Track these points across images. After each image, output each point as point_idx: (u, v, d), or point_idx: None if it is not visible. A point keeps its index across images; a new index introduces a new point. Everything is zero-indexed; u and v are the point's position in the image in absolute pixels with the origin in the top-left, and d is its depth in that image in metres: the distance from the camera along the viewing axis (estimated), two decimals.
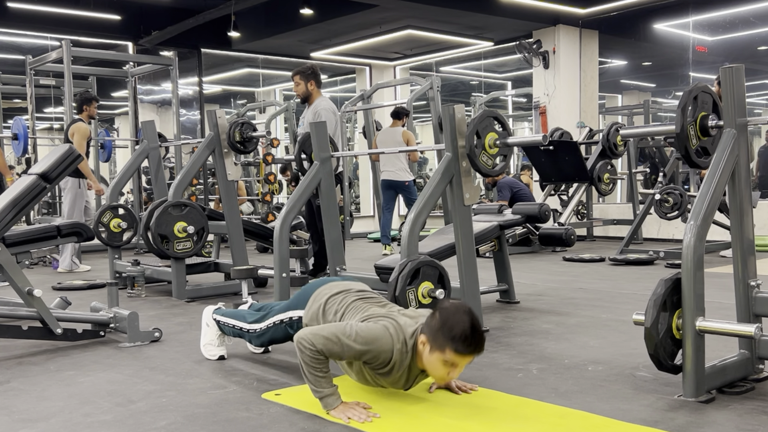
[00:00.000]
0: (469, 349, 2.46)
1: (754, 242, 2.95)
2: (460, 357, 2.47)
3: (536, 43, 10.74)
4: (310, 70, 5.88)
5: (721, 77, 2.85)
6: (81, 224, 4.30)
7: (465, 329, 2.44)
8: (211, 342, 3.49)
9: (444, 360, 2.48)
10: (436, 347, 2.48)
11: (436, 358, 2.50)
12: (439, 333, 2.46)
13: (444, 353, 2.47)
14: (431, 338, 2.50)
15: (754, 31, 10.52)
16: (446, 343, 2.45)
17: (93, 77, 10.23)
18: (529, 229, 4.97)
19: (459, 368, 2.54)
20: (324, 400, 2.56)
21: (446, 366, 2.50)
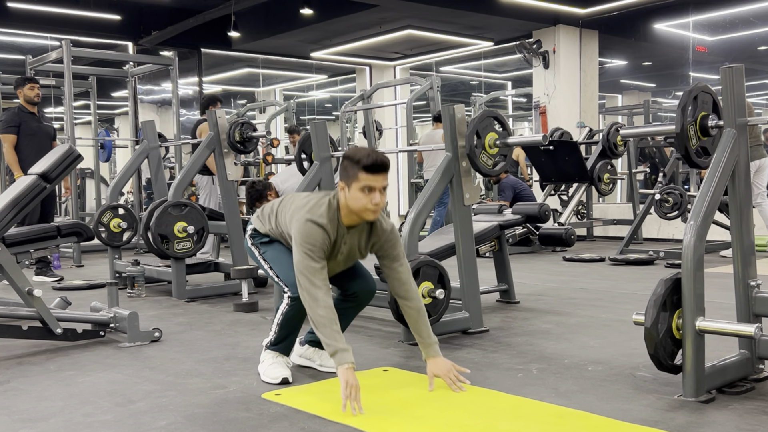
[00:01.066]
0: (372, 161, 2.74)
1: (754, 242, 2.95)
2: (371, 176, 2.74)
3: (536, 43, 10.74)
4: None
5: (721, 77, 2.85)
6: (81, 224, 4.30)
7: (366, 152, 2.78)
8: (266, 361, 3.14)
9: (361, 188, 2.76)
10: (351, 179, 2.78)
11: (354, 191, 2.77)
12: (348, 167, 2.79)
13: (358, 180, 2.76)
14: (344, 176, 2.81)
15: (754, 31, 10.52)
16: (355, 169, 2.76)
17: (93, 77, 10.22)
18: (529, 229, 4.97)
19: (378, 193, 2.77)
20: (340, 354, 2.68)
21: (365, 193, 2.76)
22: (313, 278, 2.76)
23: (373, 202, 2.77)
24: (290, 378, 3.01)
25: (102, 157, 10.27)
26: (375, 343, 3.77)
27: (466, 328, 3.91)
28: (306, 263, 2.78)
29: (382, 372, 3.18)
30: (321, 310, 2.73)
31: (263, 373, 3.07)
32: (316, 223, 2.81)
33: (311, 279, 2.76)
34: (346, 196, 2.81)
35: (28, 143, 6.50)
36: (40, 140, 6.55)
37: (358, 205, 2.79)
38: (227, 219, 5.62)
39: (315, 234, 2.81)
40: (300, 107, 15.41)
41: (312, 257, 2.78)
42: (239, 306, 4.79)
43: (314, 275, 2.77)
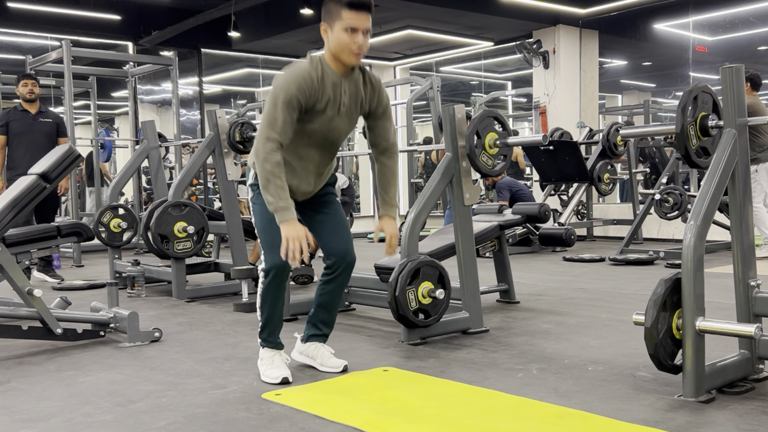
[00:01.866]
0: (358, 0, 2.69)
1: (754, 242, 2.95)
2: (354, 13, 2.70)
3: (536, 43, 10.74)
4: None
5: (721, 77, 2.85)
6: (81, 224, 4.30)
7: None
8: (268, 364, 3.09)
9: (344, 28, 2.71)
10: (333, 19, 2.74)
11: (337, 32, 2.73)
12: (331, 6, 2.74)
13: (342, 19, 2.71)
14: (327, 17, 2.76)
15: (754, 31, 10.53)
16: (338, 7, 2.71)
17: (93, 77, 10.23)
18: (529, 229, 4.97)
19: (361, 34, 2.72)
20: (280, 212, 2.72)
21: (348, 33, 2.71)
22: (272, 129, 2.74)
23: (356, 42, 2.72)
24: (290, 378, 3.00)
25: (102, 157, 10.27)
26: (375, 343, 3.77)
27: (466, 328, 3.91)
28: (270, 111, 2.75)
29: (382, 372, 3.18)
30: (268, 165, 2.73)
31: (263, 373, 3.06)
32: (292, 71, 2.76)
33: (270, 130, 2.74)
34: (329, 38, 2.77)
35: (19, 143, 6.35)
36: (33, 139, 6.35)
37: (340, 46, 2.74)
38: (227, 219, 5.62)
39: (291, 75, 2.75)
40: None
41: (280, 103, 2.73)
42: (239, 306, 4.79)
43: (274, 126, 2.74)
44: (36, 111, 6.47)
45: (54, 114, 6.73)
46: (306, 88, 2.77)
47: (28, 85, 6.43)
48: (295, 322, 4.26)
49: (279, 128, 2.75)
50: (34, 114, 6.45)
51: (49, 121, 6.51)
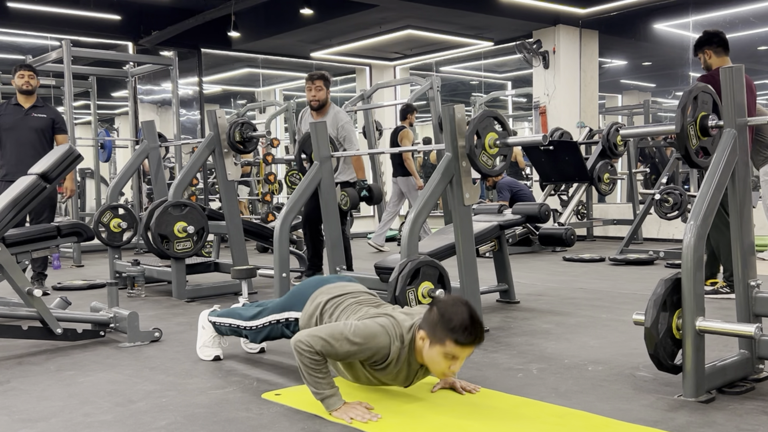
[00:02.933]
0: (469, 339, 2.46)
1: (754, 242, 2.95)
2: (460, 348, 2.47)
3: (536, 43, 10.73)
4: (329, 78, 5.72)
5: (721, 77, 2.85)
6: (81, 224, 4.30)
7: (464, 320, 2.45)
8: (206, 344, 3.49)
9: (444, 353, 2.48)
10: (436, 341, 2.48)
11: (436, 352, 2.50)
12: (438, 326, 2.47)
13: (444, 346, 2.47)
14: (430, 332, 2.50)
15: (754, 31, 10.52)
16: (446, 335, 2.45)
17: (93, 77, 10.23)
18: (529, 229, 4.97)
19: (460, 361, 2.52)
20: (326, 401, 2.55)
21: (447, 359, 2.50)
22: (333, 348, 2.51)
23: (451, 368, 2.53)
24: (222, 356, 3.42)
25: (102, 157, 10.27)
26: None
27: None
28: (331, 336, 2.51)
29: None
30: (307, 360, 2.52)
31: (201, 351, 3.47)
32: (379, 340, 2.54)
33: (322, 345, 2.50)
34: (424, 348, 2.54)
35: (7, 139, 5.92)
36: (21, 135, 5.92)
37: (434, 366, 2.55)
38: (227, 219, 5.62)
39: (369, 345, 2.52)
40: (300, 107, 15.39)
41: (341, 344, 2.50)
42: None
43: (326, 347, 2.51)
44: (30, 105, 6.00)
45: (51, 109, 6.27)
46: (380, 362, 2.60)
47: (24, 76, 6.00)
48: None
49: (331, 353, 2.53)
50: (27, 108, 6.00)
51: (42, 117, 6.03)
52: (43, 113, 6.07)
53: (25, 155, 5.74)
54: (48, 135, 6.03)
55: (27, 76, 6.00)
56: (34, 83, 6.05)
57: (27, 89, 5.98)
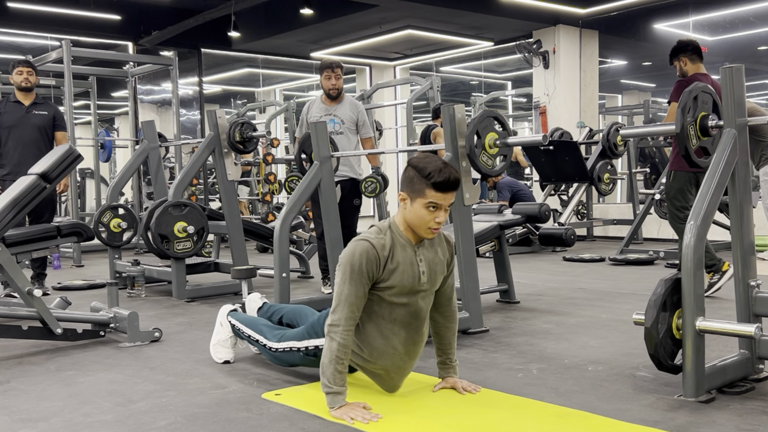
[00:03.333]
0: (444, 178, 2.54)
1: (754, 242, 2.95)
2: (439, 193, 2.55)
3: (536, 43, 10.73)
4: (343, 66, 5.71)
5: (721, 77, 2.85)
6: (81, 224, 4.30)
7: (437, 164, 2.56)
8: (221, 342, 3.39)
9: (426, 204, 2.57)
10: (416, 194, 2.58)
11: (418, 207, 2.58)
12: (415, 179, 2.58)
13: (424, 196, 2.56)
14: (408, 189, 2.61)
15: (754, 31, 10.52)
16: (423, 184, 2.55)
17: (93, 77, 10.23)
18: (529, 229, 4.97)
19: (443, 211, 2.60)
20: (331, 396, 2.55)
21: (430, 211, 2.58)
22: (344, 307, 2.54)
23: (436, 220, 2.59)
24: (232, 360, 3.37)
25: (102, 157, 10.27)
26: None
27: (466, 328, 3.91)
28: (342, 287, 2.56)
29: None
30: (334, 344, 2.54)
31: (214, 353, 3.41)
32: (362, 239, 2.60)
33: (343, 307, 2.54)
34: (407, 209, 2.62)
35: (9, 137, 5.77)
36: (23, 133, 5.75)
37: (419, 222, 2.60)
38: (227, 219, 5.62)
39: (359, 249, 2.57)
40: (300, 107, 15.39)
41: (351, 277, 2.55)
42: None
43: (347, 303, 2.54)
44: (30, 102, 5.83)
45: (52, 106, 6.07)
46: (371, 268, 2.58)
47: (23, 72, 5.79)
48: None
49: (350, 304, 2.55)
50: (28, 105, 5.82)
51: (43, 114, 5.86)
52: (44, 110, 5.91)
53: (27, 154, 5.66)
54: (49, 132, 5.90)
55: (26, 72, 5.81)
56: (33, 80, 5.86)
57: (26, 86, 5.80)
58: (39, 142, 5.77)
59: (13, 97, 5.87)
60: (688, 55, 5.23)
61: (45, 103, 6.01)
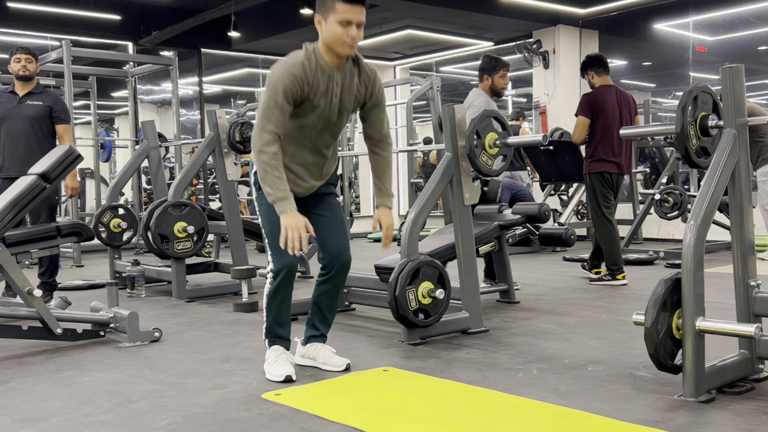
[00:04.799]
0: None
1: (754, 242, 2.95)
2: (348, 6, 2.73)
3: (536, 43, 10.74)
4: None
5: (721, 77, 2.85)
6: (81, 224, 4.30)
7: None
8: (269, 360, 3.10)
9: (338, 21, 2.74)
10: (328, 11, 2.76)
11: (332, 24, 2.76)
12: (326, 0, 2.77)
13: (336, 11, 2.74)
14: (321, 8, 2.80)
15: (754, 31, 10.52)
16: (333, 0, 2.74)
17: (93, 77, 10.23)
18: (529, 229, 4.97)
19: (355, 26, 2.76)
20: (279, 202, 2.76)
21: (343, 26, 2.74)
22: (268, 121, 2.78)
23: (349, 35, 2.76)
24: (294, 376, 3.00)
25: (102, 157, 10.27)
26: (375, 343, 3.77)
27: (466, 328, 3.91)
28: (266, 102, 2.77)
29: (382, 372, 3.18)
30: (265, 157, 2.76)
31: (267, 371, 3.07)
32: (288, 60, 2.81)
33: (265, 121, 2.77)
34: (322, 29, 2.80)
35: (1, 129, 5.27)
36: (13, 125, 5.21)
37: (334, 37, 2.77)
38: (227, 219, 5.62)
39: (284, 68, 2.79)
40: None
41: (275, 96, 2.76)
42: (239, 306, 4.79)
43: (270, 117, 2.78)
44: (25, 92, 5.28)
45: (50, 95, 5.42)
46: (300, 79, 2.79)
47: (21, 60, 5.25)
48: (295, 323, 4.26)
49: (274, 120, 2.79)
50: (22, 96, 5.27)
51: (37, 104, 5.25)
52: (39, 100, 5.28)
53: (16, 148, 5.18)
54: (45, 125, 5.26)
55: (24, 59, 5.26)
56: (31, 68, 5.29)
57: (24, 74, 5.25)
58: (29, 136, 5.20)
59: (11, 87, 5.38)
60: (595, 69, 5.75)
61: (43, 92, 5.37)
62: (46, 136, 5.26)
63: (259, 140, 2.78)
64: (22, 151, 5.14)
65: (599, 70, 5.75)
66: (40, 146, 5.12)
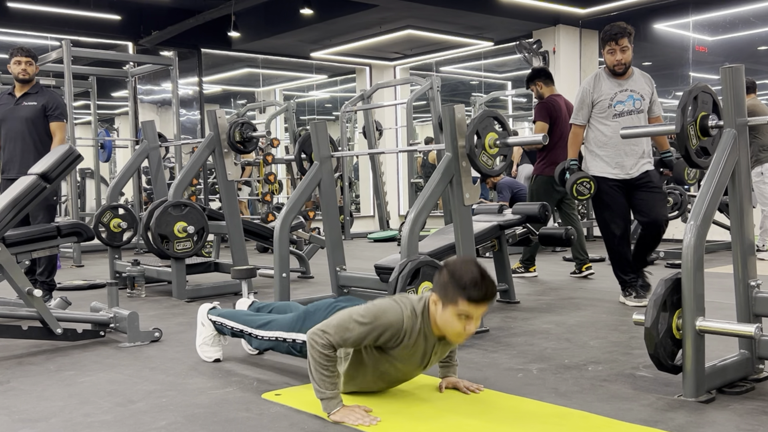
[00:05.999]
0: (481, 294, 2.44)
1: (754, 242, 2.95)
2: (473, 305, 2.45)
3: (536, 43, 10.73)
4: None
5: (721, 77, 2.85)
6: (81, 224, 4.30)
7: (474, 276, 2.44)
8: (206, 342, 3.44)
9: (458, 313, 2.47)
10: (448, 301, 2.48)
11: (449, 314, 2.49)
12: (449, 286, 2.47)
13: (457, 305, 2.46)
14: (442, 293, 2.50)
15: (754, 31, 10.52)
16: (457, 294, 2.45)
17: (93, 77, 10.23)
18: (529, 229, 4.97)
19: (475, 320, 2.51)
20: (326, 402, 2.53)
21: (461, 320, 2.49)
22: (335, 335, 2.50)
23: (467, 329, 2.51)
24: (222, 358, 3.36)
25: (102, 157, 10.27)
26: None
27: None
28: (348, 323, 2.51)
29: None
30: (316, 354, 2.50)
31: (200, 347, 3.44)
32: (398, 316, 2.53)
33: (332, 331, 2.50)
34: (437, 312, 2.53)
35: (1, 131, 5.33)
36: (11, 127, 5.24)
37: (449, 329, 2.53)
38: (227, 219, 5.62)
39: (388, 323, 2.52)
40: (300, 107, 15.40)
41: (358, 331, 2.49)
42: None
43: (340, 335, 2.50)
44: (23, 93, 5.28)
45: (45, 94, 5.36)
46: (395, 338, 2.56)
47: (21, 62, 5.23)
48: None
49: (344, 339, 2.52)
50: (18, 97, 5.27)
51: (32, 105, 5.23)
52: (34, 101, 5.26)
53: (14, 149, 5.23)
54: (40, 125, 5.25)
55: (24, 62, 5.24)
56: (31, 71, 5.28)
57: (24, 78, 5.25)
58: (26, 137, 5.21)
59: (11, 90, 5.41)
60: (542, 80, 6.11)
61: (39, 92, 5.34)
62: (41, 136, 5.27)
63: (320, 340, 2.49)
64: (19, 153, 5.22)
65: (546, 80, 6.11)
66: (35, 147, 5.20)
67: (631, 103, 4.65)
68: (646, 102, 4.66)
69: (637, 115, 4.65)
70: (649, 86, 4.72)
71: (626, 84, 4.66)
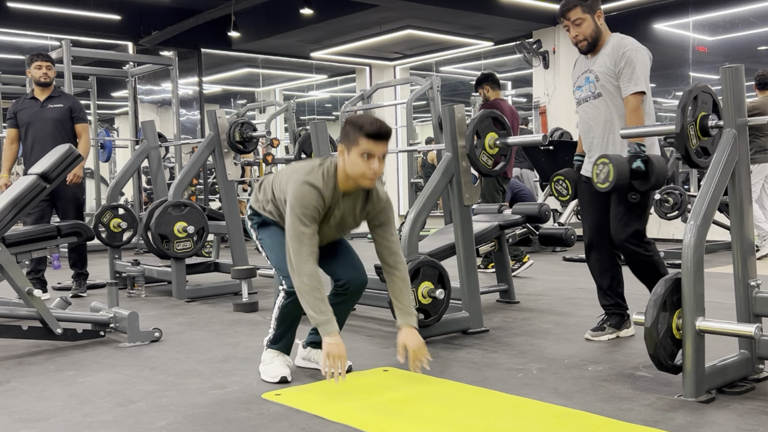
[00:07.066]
0: (376, 128, 2.78)
1: (754, 242, 2.95)
2: (371, 141, 2.77)
3: (536, 43, 10.73)
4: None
5: (721, 77, 2.85)
6: (81, 224, 4.30)
7: (370, 119, 2.83)
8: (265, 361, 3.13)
9: (360, 153, 2.78)
10: (351, 143, 2.81)
11: (354, 156, 2.80)
12: (350, 130, 2.82)
13: (358, 145, 2.78)
14: (345, 141, 2.84)
15: (754, 31, 10.51)
16: (357, 134, 2.79)
17: (93, 77, 10.23)
18: (529, 229, 4.97)
19: (377, 159, 2.80)
20: (322, 326, 2.76)
21: (364, 159, 2.78)
22: (301, 245, 2.79)
23: (371, 168, 2.80)
24: (289, 377, 3.02)
25: (102, 157, 10.27)
26: (375, 343, 3.77)
27: (466, 328, 3.91)
28: (296, 227, 2.80)
29: (382, 372, 3.18)
30: (305, 278, 2.77)
31: (263, 372, 3.08)
32: (312, 185, 2.83)
33: (299, 245, 2.79)
34: (345, 160, 2.84)
35: (26, 135, 5.53)
36: (39, 128, 5.47)
37: (356, 170, 2.81)
38: (227, 219, 5.62)
39: (309, 196, 2.82)
40: (300, 107, 15.42)
41: (303, 221, 2.80)
42: (239, 306, 4.79)
43: (303, 241, 2.79)
44: (46, 97, 5.54)
45: (68, 98, 5.71)
46: (319, 210, 2.85)
47: (42, 67, 5.50)
48: None
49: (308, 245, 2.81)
50: (43, 100, 5.53)
51: (59, 107, 5.53)
52: (59, 103, 5.56)
53: (45, 149, 5.11)
54: (67, 125, 5.54)
55: (45, 67, 5.51)
56: (52, 74, 5.58)
57: (45, 81, 5.52)
58: (57, 137, 5.37)
59: (31, 93, 5.64)
60: (489, 84, 6.32)
61: (61, 95, 5.68)
62: (69, 136, 5.55)
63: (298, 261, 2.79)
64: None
65: (493, 85, 6.36)
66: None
67: (588, 87, 3.69)
68: (602, 83, 3.60)
69: (594, 101, 3.65)
70: (610, 59, 3.58)
71: (591, 64, 3.69)
